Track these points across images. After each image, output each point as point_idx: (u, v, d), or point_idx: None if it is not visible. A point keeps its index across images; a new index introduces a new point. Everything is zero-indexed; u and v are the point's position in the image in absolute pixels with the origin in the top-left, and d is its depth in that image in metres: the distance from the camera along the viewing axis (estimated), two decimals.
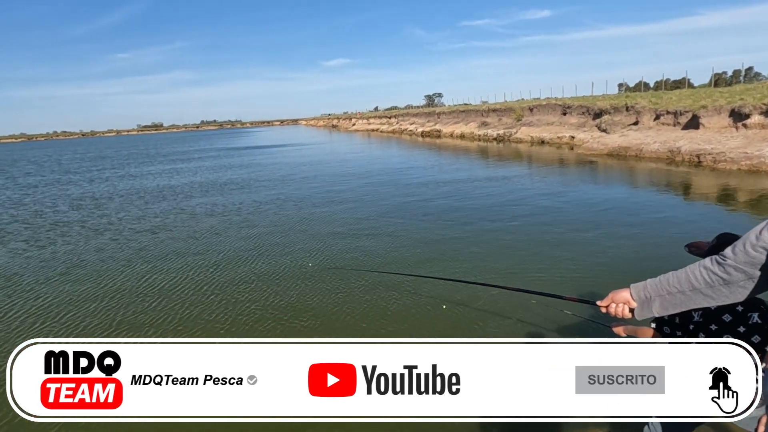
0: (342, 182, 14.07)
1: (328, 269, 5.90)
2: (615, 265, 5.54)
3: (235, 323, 4.50)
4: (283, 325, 4.42)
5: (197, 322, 4.56)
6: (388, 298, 4.84)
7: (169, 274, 6.04)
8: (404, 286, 5.09)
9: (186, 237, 8.11)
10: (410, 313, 4.50)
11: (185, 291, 5.40)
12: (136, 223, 9.52)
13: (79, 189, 15.95)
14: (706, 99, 16.53)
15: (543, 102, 28.35)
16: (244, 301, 5.03)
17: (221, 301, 5.06)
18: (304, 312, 4.67)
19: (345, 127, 67.83)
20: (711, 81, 31.68)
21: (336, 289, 5.20)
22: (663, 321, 1.86)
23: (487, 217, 8.36)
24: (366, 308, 4.65)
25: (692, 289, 1.34)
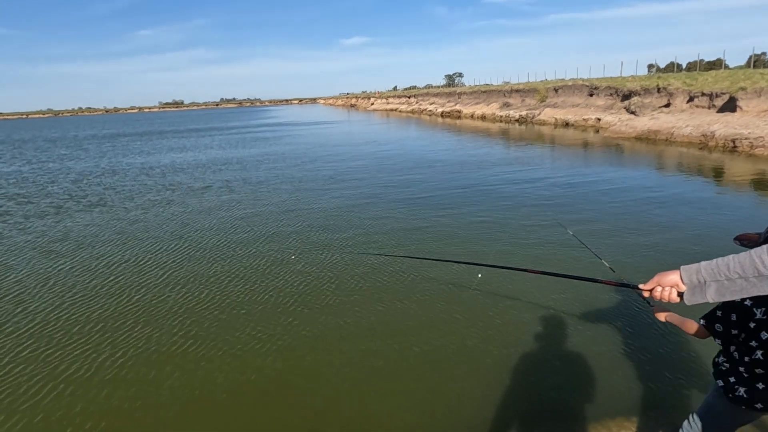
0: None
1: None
2: (648, 252, 5.32)
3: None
4: None
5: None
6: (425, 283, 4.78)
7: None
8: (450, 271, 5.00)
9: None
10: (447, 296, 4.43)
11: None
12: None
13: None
14: (746, 81, 15.62)
15: (569, 82, 27.34)
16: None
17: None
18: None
19: (363, 107, 67.12)
20: (750, 62, 29.96)
21: None
22: (714, 318, 1.71)
23: (516, 202, 8.16)
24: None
25: (758, 276, 1.20)
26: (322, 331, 3.83)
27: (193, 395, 3.08)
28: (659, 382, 3.00)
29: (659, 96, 18.99)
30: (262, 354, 3.53)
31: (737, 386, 1.68)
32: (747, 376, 1.66)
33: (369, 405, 2.93)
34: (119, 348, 3.68)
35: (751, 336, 1.66)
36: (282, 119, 47.92)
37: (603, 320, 3.70)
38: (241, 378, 3.24)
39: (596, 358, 3.26)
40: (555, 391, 2.96)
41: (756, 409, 1.66)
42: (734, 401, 1.69)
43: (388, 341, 3.63)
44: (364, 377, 3.20)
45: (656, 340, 3.45)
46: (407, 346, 3.55)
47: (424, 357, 3.40)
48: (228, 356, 3.51)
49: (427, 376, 3.17)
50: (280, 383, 3.18)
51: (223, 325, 4.01)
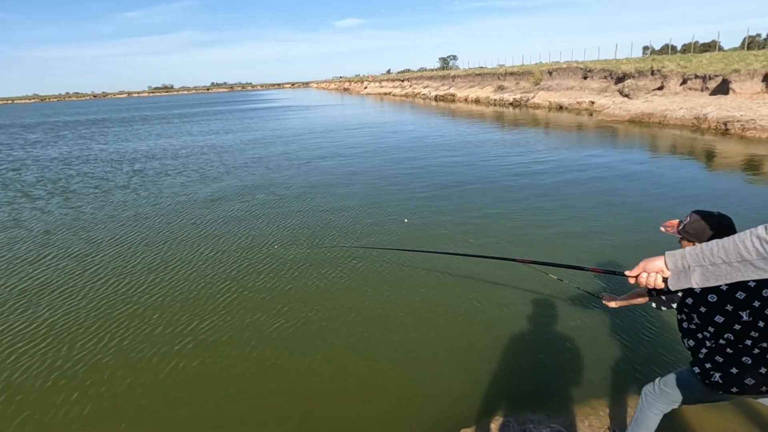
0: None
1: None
2: (637, 236, 5.36)
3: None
4: None
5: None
6: (410, 275, 4.77)
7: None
8: (417, 262, 5.00)
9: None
10: (422, 286, 4.44)
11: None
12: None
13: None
14: (739, 63, 15.59)
15: (563, 65, 27.11)
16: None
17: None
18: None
19: (357, 91, 66.32)
20: (744, 44, 29.85)
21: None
22: (662, 290, 1.75)
23: (501, 189, 8.16)
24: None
25: (741, 260, 1.20)
26: (304, 322, 3.84)
27: (171, 386, 3.08)
28: (640, 363, 3.05)
29: (653, 78, 18.91)
30: (242, 344, 3.53)
31: (712, 372, 1.71)
32: (721, 361, 1.69)
33: (356, 393, 2.96)
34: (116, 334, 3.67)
35: (700, 303, 1.71)
36: (275, 104, 47.24)
37: (587, 306, 3.74)
38: (221, 368, 3.24)
39: (580, 343, 3.30)
40: (541, 374, 3.00)
41: (732, 393, 1.69)
42: (711, 387, 1.72)
43: (374, 331, 3.65)
44: (349, 366, 3.23)
45: (637, 323, 3.50)
46: (393, 334, 3.58)
47: (410, 345, 3.43)
48: (204, 347, 3.51)
49: (412, 365, 3.20)
50: (263, 373, 3.18)
51: (200, 312, 4.00)
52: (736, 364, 1.66)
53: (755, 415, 2.46)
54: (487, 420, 2.62)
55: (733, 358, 1.66)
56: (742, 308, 1.62)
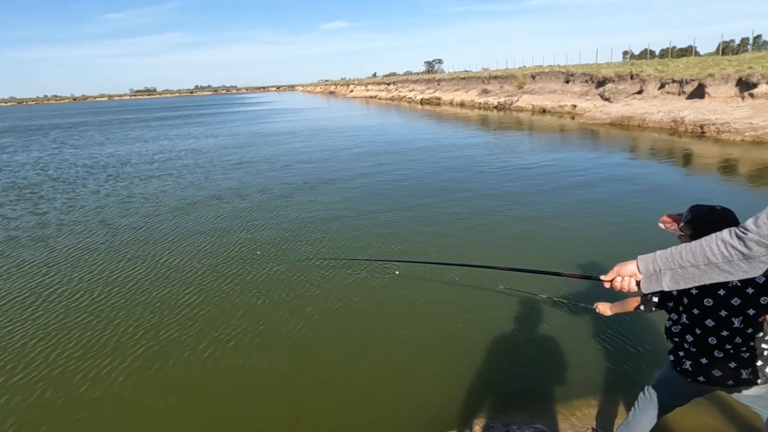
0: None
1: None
2: (616, 239, 5.48)
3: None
4: None
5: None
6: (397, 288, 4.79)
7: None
8: (400, 270, 5.03)
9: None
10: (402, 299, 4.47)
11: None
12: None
13: None
14: (714, 67, 16.08)
15: (546, 69, 27.58)
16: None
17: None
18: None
19: (342, 94, 66.30)
20: (718, 49, 30.80)
21: None
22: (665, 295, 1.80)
23: (481, 194, 8.25)
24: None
25: (708, 264, 1.24)
26: (287, 329, 3.83)
27: (163, 393, 3.04)
28: (624, 363, 3.11)
29: (632, 83, 19.37)
30: (229, 351, 3.50)
31: (684, 360, 1.78)
32: (694, 351, 1.76)
33: (341, 398, 2.96)
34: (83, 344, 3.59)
35: (687, 312, 1.76)
36: (260, 107, 46.91)
37: (569, 310, 3.80)
38: (203, 377, 3.21)
39: (564, 345, 3.35)
40: (524, 376, 3.04)
41: (699, 382, 1.75)
42: (681, 374, 1.79)
43: (357, 337, 3.66)
44: (335, 372, 3.22)
45: (618, 324, 3.57)
46: (377, 340, 3.59)
47: (395, 350, 3.45)
48: (195, 357, 3.47)
49: (397, 369, 3.21)
50: (256, 379, 3.17)
51: (166, 321, 3.95)
52: (707, 355, 1.72)
53: (729, 409, 2.55)
54: (472, 422, 2.64)
55: (707, 350, 1.73)
56: (735, 315, 1.66)
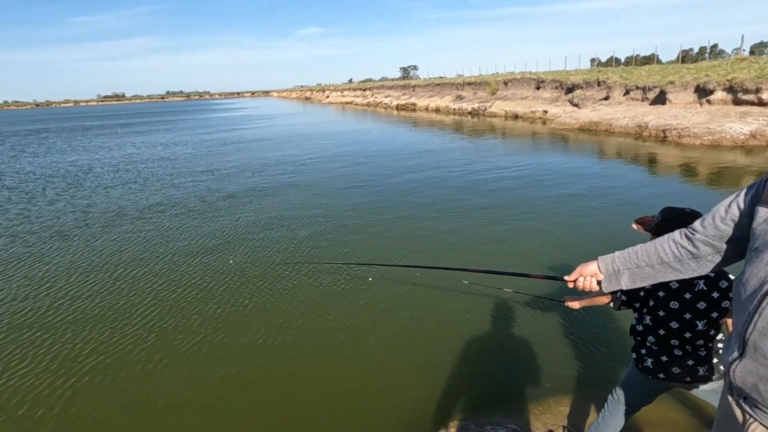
0: None
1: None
2: (584, 240, 5.64)
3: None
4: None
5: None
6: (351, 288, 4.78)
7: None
8: (370, 275, 5.04)
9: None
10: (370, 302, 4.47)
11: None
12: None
13: None
14: (674, 75, 16.88)
15: (517, 76, 28.30)
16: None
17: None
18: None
19: (318, 100, 66.13)
20: (678, 57, 32.34)
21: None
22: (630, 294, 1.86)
23: (453, 198, 8.36)
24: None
25: (661, 263, 1.31)
26: (261, 337, 3.77)
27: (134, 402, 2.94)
28: (593, 361, 3.20)
29: (599, 89, 20.10)
30: (198, 361, 3.42)
31: (646, 357, 1.85)
32: (655, 349, 1.83)
33: (315, 405, 2.93)
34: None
35: (643, 304, 1.83)
36: (234, 113, 46.21)
37: (541, 310, 3.89)
38: (181, 388, 3.13)
39: (535, 345, 3.42)
40: (498, 377, 3.08)
41: (659, 379, 1.83)
42: (643, 371, 1.86)
43: (330, 344, 3.63)
44: (308, 379, 3.19)
45: (589, 324, 3.68)
46: (350, 347, 3.57)
47: (367, 356, 3.44)
48: (164, 366, 3.37)
49: (370, 375, 3.20)
50: (226, 389, 3.10)
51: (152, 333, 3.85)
52: (667, 353, 1.79)
53: (688, 403, 2.66)
54: (448, 424, 2.66)
55: (667, 349, 1.80)
56: (700, 318, 1.72)
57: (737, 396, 1.10)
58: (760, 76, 13.49)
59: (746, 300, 1.02)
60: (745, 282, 1.04)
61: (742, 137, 11.82)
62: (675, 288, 1.74)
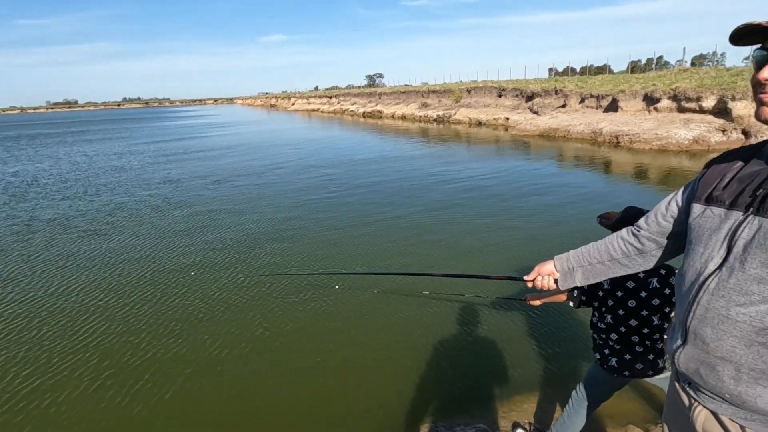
0: None
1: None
2: (544, 240, 5.84)
3: None
4: None
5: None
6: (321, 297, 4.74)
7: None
8: (334, 283, 5.01)
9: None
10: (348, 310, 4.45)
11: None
12: None
13: None
14: (624, 84, 17.89)
15: (480, 84, 29.12)
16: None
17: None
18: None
19: (284, 107, 65.39)
20: (628, 68, 34.34)
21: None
22: (588, 293, 1.94)
23: (405, 203, 8.47)
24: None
25: (611, 260, 1.38)
26: (231, 347, 3.67)
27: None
28: (556, 358, 3.31)
29: (557, 97, 20.99)
30: (148, 378, 3.28)
31: (610, 357, 1.93)
32: (618, 348, 1.91)
33: (284, 414, 2.87)
34: None
35: (602, 303, 1.92)
36: (196, 120, 44.89)
37: (506, 310, 3.99)
38: (152, 396, 2.99)
39: (500, 345, 3.50)
40: (467, 379, 3.13)
41: (624, 376, 1.92)
42: (608, 371, 1.93)
43: (299, 352, 3.59)
44: (276, 387, 3.13)
45: (551, 322, 3.80)
46: (319, 354, 3.53)
47: (337, 364, 3.42)
48: (110, 386, 3.21)
49: (340, 382, 3.18)
50: (180, 407, 2.98)
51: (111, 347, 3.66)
52: (630, 351, 1.88)
53: (644, 391, 2.79)
54: (418, 428, 2.67)
55: (629, 347, 1.88)
56: (654, 313, 1.83)
57: (682, 382, 1.16)
58: (700, 85, 14.52)
59: (686, 291, 1.09)
60: (684, 274, 1.11)
61: (686, 142, 12.66)
62: (631, 287, 1.83)
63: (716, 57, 38.08)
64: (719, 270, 1.01)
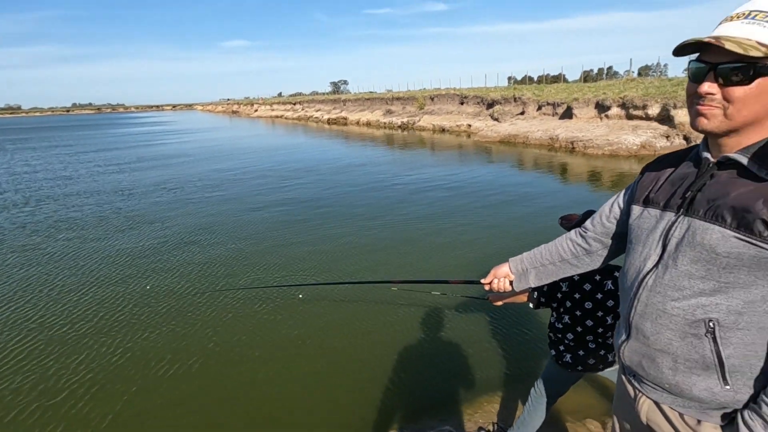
0: None
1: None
2: (501, 242, 6.01)
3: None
4: None
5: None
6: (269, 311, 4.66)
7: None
8: (293, 295, 4.95)
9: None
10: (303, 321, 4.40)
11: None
12: None
13: None
14: (578, 93, 18.79)
15: (443, 92, 29.74)
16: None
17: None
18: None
19: (247, 114, 64.08)
20: (581, 77, 36.14)
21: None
22: (535, 288, 2.02)
23: (367, 212, 8.52)
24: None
25: (561, 260, 1.44)
26: (190, 363, 3.54)
27: None
28: (517, 359, 3.40)
29: (516, 105, 21.75)
30: (87, 401, 3.12)
31: (564, 353, 2.01)
32: (573, 345, 2.00)
33: (248, 428, 2.79)
34: None
35: (560, 304, 2.01)
36: (153, 127, 43.15)
37: (465, 313, 4.07)
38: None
39: (463, 347, 3.56)
40: (432, 383, 3.16)
41: (578, 371, 2.00)
42: (563, 366, 2.01)
43: (262, 365, 3.51)
44: (241, 399, 3.04)
45: (512, 323, 3.91)
46: (282, 366, 3.47)
47: (302, 374, 3.36)
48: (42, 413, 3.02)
49: (306, 393, 3.13)
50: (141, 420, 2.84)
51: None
52: (583, 348, 1.97)
53: (597, 385, 2.92)
54: None
55: (583, 344, 1.97)
56: (608, 314, 1.91)
57: (628, 374, 1.23)
58: (646, 94, 15.49)
59: (628, 288, 1.16)
60: (626, 272, 1.18)
61: (634, 147, 13.44)
62: (588, 290, 1.92)
63: (660, 68, 40.73)
64: (656, 268, 1.08)
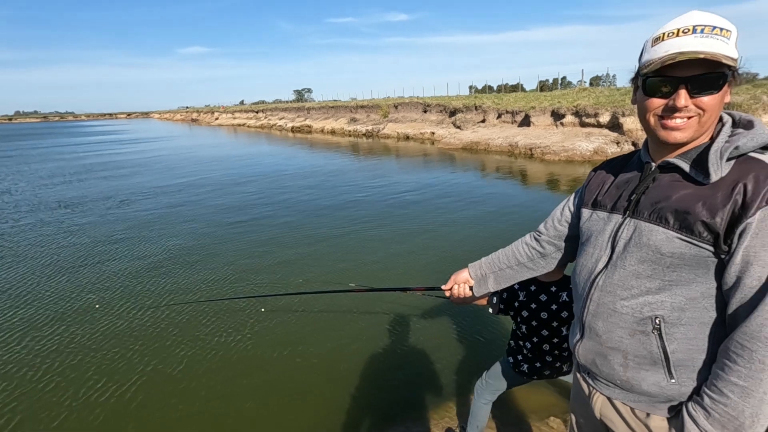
0: None
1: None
2: (461, 248, 6.12)
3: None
4: None
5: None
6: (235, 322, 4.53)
7: None
8: (256, 306, 4.83)
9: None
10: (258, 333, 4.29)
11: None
12: None
13: None
14: (535, 101, 19.57)
15: (406, 100, 30.16)
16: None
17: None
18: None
19: (207, 122, 62.32)
20: (538, 86, 37.73)
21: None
22: (494, 293, 2.06)
23: (328, 222, 8.50)
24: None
25: (518, 264, 1.47)
26: (152, 377, 3.36)
27: None
28: (481, 362, 3.45)
29: (477, 113, 22.36)
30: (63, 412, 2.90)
31: (522, 363, 2.06)
32: (531, 356, 2.05)
33: None
34: None
35: (518, 313, 2.05)
36: (105, 137, 41.07)
37: (428, 318, 4.10)
38: None
39: (428, 353, 3.58)
40: (399, 390, 3.15)
41: (533, 379, 2.06)
42: (519, 374, 2.07)
43: (229, 377, 3.39)
44: (209, 415, 2.91)
45: (475, 327, 3.97)
46: (249, 378, 3.37)
47: (269, 387, 3.28)
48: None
49: (272, 406, 3.05)
50: None
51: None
52: (541, 359, 2.03)
53: (561, 385, 3.01)
54: None
55: (540, 355, 2.02)
56: (563, 324, 1.97)
57: (582, 372, 1.27)
58: (597, 103, 16.34)
59: (581, 289, 1.20)
60: (578, 273, 1.22)
61: (588, 153, 14.11)
62: (544, 300, 1.97)
63: (609, 78, 43.11)
64: (606, 268, 1.12)
